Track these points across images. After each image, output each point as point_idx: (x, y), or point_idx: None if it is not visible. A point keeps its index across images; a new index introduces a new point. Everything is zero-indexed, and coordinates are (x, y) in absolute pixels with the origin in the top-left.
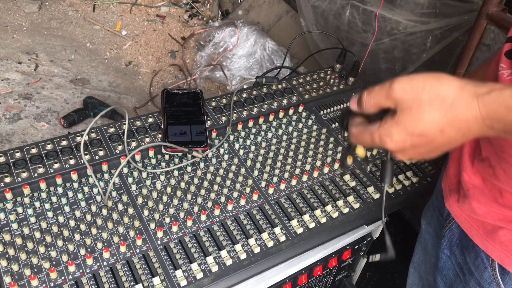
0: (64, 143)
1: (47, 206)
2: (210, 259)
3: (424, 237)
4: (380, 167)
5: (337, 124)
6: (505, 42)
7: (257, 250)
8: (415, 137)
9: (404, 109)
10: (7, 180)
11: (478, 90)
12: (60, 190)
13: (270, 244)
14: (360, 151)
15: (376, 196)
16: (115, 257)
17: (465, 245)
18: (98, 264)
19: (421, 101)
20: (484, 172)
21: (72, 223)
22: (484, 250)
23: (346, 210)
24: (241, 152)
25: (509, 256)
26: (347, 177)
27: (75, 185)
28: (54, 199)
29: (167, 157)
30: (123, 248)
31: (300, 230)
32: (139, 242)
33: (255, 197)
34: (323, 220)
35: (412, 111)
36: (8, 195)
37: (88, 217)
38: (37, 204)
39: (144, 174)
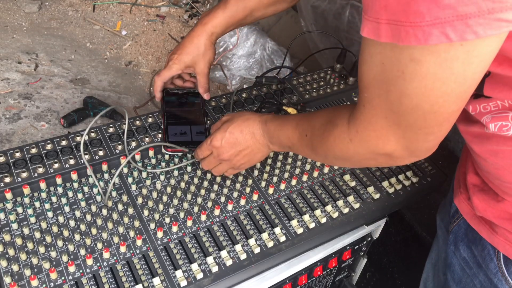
0: (64, 143)
1: (47, 206)
2: (210, 259)
3: (437, 233)
4: None
5: None
6: None
7: (257, 250)
8: (227, 134)
9: (226, 122)
10: (7, 180)
11: (265, 116)
12: (60, 190)
13: (270, 244)
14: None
15: (376, 196)
16: (115, 257)
17: (471, 239)
18: (98, 264)
19: (233, 117)
20: (484, 174)
21: (72, 223)
22: (490, 242)
23: (346, 210)
24: None
25: None
26: (347, 177)
27: (75, 185)
28: (54, 199)
29: (167, 157)
30: (123, 248)
31: (300, 230)
32: (139, 242)
33: (255, 197)
34: (323, 220)
35: (228, 121)
36: (8, 195)
37: (88, 217)
38: (37, 204)
39: (144, 174)
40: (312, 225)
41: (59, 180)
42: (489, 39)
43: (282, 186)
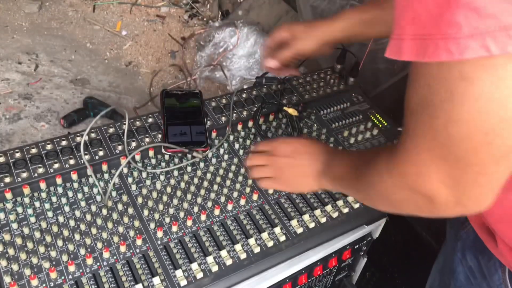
0: (64, 143)
1: (47, 206)
2: (210, 259)
3: (446, 239)
4: None
5: (337, 124)
6: None
7: (257, 250)
8: (293, 141)
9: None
10: (7, 180)
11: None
12: (60, 190)
13: (270, 244)
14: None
15: None
16: (115, 257)
17: (479, 248)
18: (98, 264)
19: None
20: None
21: (72, 223)
22: (494, 253)
23: (346, 210)
24: (241, 152)
25: None
26: None
27: (75, 185)
28: (54, 199)
29: (167, 157)
30: (123, 248)
31: (300, 230)
32: (139, 242)
33: (255, 197)
34: (323, 220)
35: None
36: (8, 195)
37: (88, 217)
38: (37, 204)
39: (144, 174)
40: (312, 225)
41: (59, 180)
42: None
43: None
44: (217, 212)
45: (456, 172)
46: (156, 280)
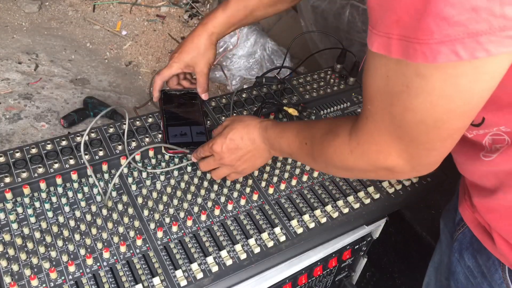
0: (64, 143)
1: (47, 206)
2: (210, 259)
3: (441, 237)
4: None
5: None
6: None
7: (257, 250)
8: (228, 140)
9: (227, 127)
10: (7, 180)
11: (265, 122)
12: (60, 190)
13: (270, 244)
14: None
15: (376, 196)
16: (115, 257)
17: (476, 248)
18: (98, 264)
19: (234, 123)
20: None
21: (72, 223)
22: (493, 252)
23: (346, 210)
24: None
25: None
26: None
27: (75, 185)
28: (54, 199)
29: (167, 157)
30: (123, 248)
31: (300, 230)
32: (139, 242)
33: (255, 197)
34: (323, 220)
35: (229, 127)
36: (8, 195)
37: (88, 217)
38: (37, 204)
39: (144, 174)
40: (312, 225)
41: (59, 180)
42: (500, 57)
43: (282, 186)
44: (217, 212)
45: (411, 149)
46: (156, 280)
